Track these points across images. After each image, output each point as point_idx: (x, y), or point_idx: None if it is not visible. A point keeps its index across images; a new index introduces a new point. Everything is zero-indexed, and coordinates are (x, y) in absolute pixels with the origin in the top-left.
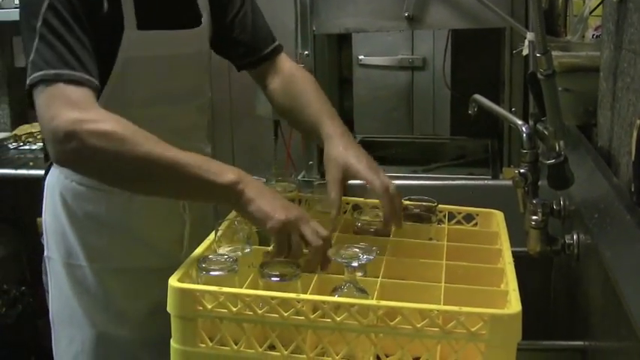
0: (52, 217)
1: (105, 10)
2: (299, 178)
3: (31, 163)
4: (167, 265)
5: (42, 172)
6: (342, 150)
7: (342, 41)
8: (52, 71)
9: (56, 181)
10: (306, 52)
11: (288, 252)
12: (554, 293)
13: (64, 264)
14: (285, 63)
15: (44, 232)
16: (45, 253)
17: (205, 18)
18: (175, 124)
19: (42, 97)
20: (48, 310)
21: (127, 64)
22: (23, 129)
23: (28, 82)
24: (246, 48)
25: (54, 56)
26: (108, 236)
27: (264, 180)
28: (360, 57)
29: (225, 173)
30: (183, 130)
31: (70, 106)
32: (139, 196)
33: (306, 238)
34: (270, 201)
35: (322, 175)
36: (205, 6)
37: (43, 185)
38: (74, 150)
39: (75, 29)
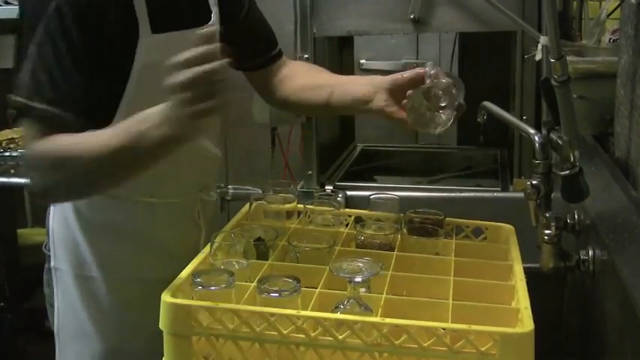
0: (61, 226)
1: (113, 20)
2: (298, 188)
3: (12, 171)
4: None
5: (24, 180)
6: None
7: (344, 44)
8: (26, 102)
9: None
10: (306, 56)
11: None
12: (567, 312)
13: (75, 275)
14: (290, 63)
15: (51, 242)
16: (51, 264)
17: (215, 13)
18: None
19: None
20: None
21: (143, 72)
22: (4, 134)
23: (15, 97)
24: (255, 49)
25: (33, 86)
26: (124, 246)
27: (260, 191)
28: (362, 61)
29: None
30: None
31: (32, 143)
32: (157, 203)
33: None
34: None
35: (322, 185)
36: (215, 1)
37: None
38: (37, 183)
39: (66, 59)
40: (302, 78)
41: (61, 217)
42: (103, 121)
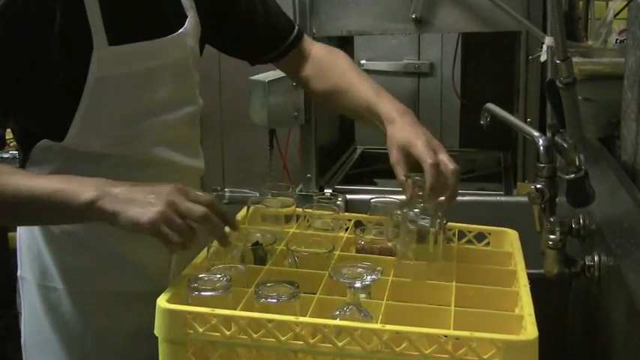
0: (26, 233)
1: (58, 29)
2: (297, 191)
3: None
4: (151, 288)
5: None
6: (401, 130)
7: (344, 44)
8: None
9: None
10: None
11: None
12: (572, 319)
13: (38, 285)
14: (312, 46)
15: (18, 249)
16: (18, 273)
17: (192, 17)
18: (162, 138)
19: None
20: (19, 334)
21: (98, 85)
22: None
23: None
24: (268, 39)
25: None
26: (87, 256)
27: (258, 194)
28: (363, 62)
29: (82, 192)
30: (172, 143)
31: None
32: None
33: (190, 214)
34: (133, 203)
35: (321, 188)
36: (191, 4)
37: None
38: None
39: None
40: (331, 78)
41: None
42: (56, 134)
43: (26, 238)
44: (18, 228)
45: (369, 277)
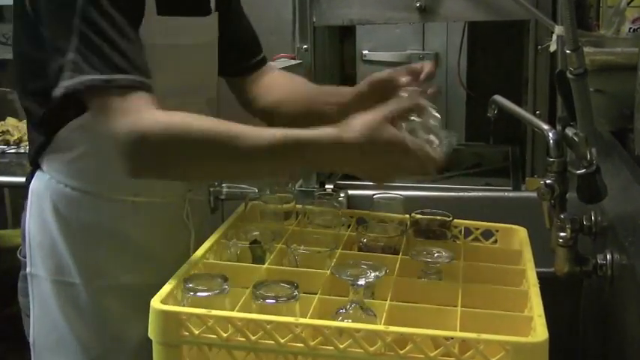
0: (38, 228)
1: None
2: (296, 187)
3: None
4: None
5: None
6: None
7: (345, 34)
8: (100, 77)
9: (45, 187)
10: (305, 47)
11: None
12: (584, 320)
13: (53, 281)
14: (269, 70)
15: (27, 246)
16: (27, 270)
17: (213, 7)
18: None
19: (97, 109)
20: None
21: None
22: None
23: (66, 83)
24: (242, 52)
25: (100, 60)
26: (106, 249)
27: (256, 190)
28: (365, 52)
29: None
30: None
31: (126, 116)
32: (142, 203)
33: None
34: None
35: (322, 184)
36: None
37: (27, 192)
38: (143, 156)
39: (117, 20)
40: (280, 90)
41: (38, 217)
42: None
43: (37, 233)
44: (27, 223)
45: (372, 275)
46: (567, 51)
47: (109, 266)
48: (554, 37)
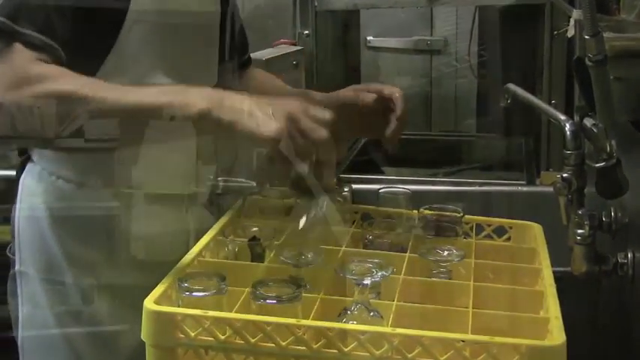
0: (28, 223)
1: None
2: None
3: None
4: None
5: None
6: None
7: (349, 19)
8: (11, 25)
9: (36, 180)
10: (306, 32)
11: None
12: (603, 321)
13: (42, 280)
14: (252, 72)
15: (15, 243)
16: (15, 268)
17: None
18: None
19: None
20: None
21: (135, 26)
22: None
23: None
24: (233, 47)
25: (19, 8)
26: (100, 247)
27: (254, 184)
28: (369, 38)
29: (195, 105)
30: None
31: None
32: (139, 196)
33: (310, 135)
34: (251, 115)
35: None
36: None
37: (17, 186)
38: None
39: None
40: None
41: (27, 212)
42: (87, 71)
43: (27, 229)
44: (16, 218)
45: (379, 274)
46: (586, 36)
47: (103, 265)
48: (572, 21)
